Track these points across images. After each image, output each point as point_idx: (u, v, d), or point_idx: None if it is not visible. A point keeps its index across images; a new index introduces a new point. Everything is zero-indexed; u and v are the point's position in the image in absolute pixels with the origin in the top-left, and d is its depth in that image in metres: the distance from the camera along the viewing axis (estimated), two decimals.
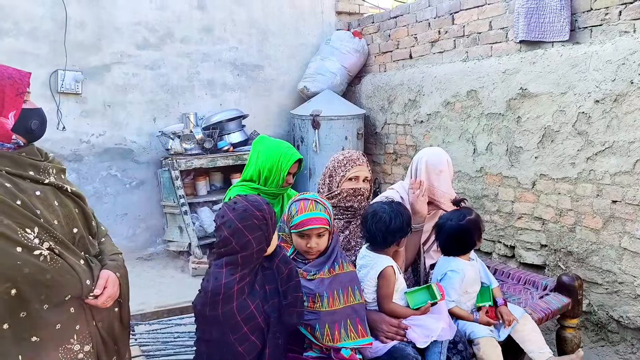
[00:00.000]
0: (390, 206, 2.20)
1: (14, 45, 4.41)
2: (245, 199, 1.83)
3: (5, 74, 1.70)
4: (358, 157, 2.52)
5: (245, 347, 1.74)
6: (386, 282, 2.16)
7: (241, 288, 1.75)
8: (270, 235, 1.81)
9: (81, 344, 1.73)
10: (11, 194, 1.63)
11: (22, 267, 1.56)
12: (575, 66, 3.43)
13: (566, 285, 2.87)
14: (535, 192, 3.80)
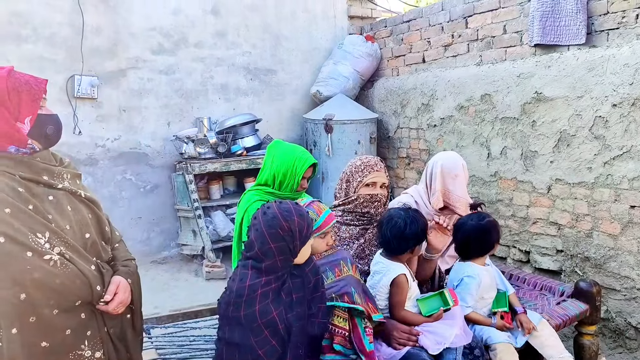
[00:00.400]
0: (407, 212, 2.19)
1: (33, 51, 4.48)
2: (279, 207, 1.82)
3: (22, 80, 1.72)
4: (376, 162, 2.49)
5: (266, 350, 1.73)
6: (398, 290, 2.16)
7: (265, 292, 1.75)
8: (296, 246, 1.79)
9: (92, 350, 1.74)
10: (23, 198, 1.64)
11: (31, 271, 1.57)
12: (592, 70, 3.40)
13: (584, 292, 2.84)
14: (551, 197, 3.76)
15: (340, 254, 2.11)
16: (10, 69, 1.72)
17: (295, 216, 1.78)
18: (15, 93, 1.68)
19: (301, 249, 1.81)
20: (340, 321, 1.94)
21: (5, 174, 1.65)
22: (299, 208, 1.83)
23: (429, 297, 2.20)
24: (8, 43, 4.44)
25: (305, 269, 1.85)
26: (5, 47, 4.42)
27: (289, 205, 1.82)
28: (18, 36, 4.46)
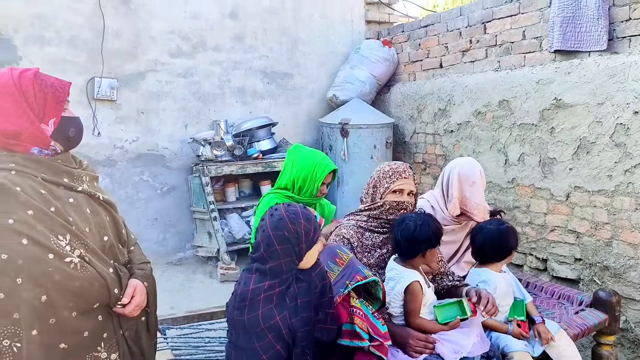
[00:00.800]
0: (419, 215, 2.17)
1: (55, 54, 4.56)
2: (287, 209, 1.81)
3: (48, 83, 1.74)
4: (405, 169, 2.42)
5: (270, 355, 1.72)
6: (413, 297, 2.13)
7: (268, 297, 1.74)
8: (302, 249, 1.77)
9: (108, 352, 1.75)
10: (46, 200, 1.66)
11: (53, 273, 1.58)
12: (613, 76, 3.36)
13: (603, 301, 2.79)
14: (570, 205, 3.72)
15: (334, 246, 2.13)
16: (36, 70, 1.75)
17: (302, 219, 1.77)
18: (41, 95, 1.71)
19: (307, 252, 1.79)
20: (356, 302, 1.93)
21: (29, 175, 1.67)
22: (306, 211, 1.82)
23: (447, 304, 2.17)
24: (31, 45, 4.52)
25: (311, 274, 1.82)
26: (29, 49, 4.50)
27: (297, 208, 1.82)
28: (41, 38, 4.54)
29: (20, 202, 1.60)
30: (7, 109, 1.66)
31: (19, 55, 4.49)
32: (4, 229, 1.55)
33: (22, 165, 1.67)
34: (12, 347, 1.55)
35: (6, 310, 1.54)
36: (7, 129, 1.66)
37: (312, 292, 1.80)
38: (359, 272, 1.96)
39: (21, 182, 1.64)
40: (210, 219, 4.81)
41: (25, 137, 1.68)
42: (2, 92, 1.67)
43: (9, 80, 1.68)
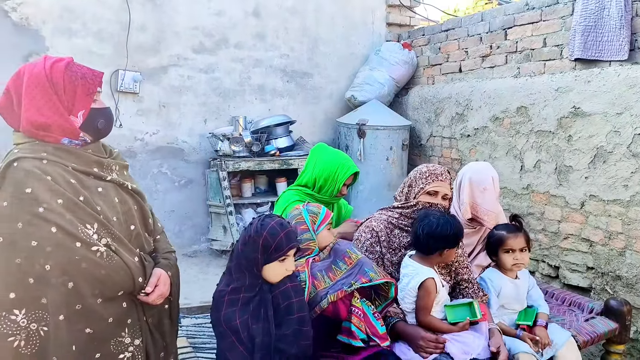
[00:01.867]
0: (443, 214, 2.21)
1: (82, 46, 4.66)
2: (263, 219, 1.91)
3: (79, 74, 1.79)
4: (442, 172, 2.43)
5: (233, 355, 1.81)
6: (426, 293, 2.16)
7: (232, 300, 1.84)
8: (257, 259, 1.85)
9: (132, 337, 1.81)
10: (75, 190, 1.72)
11: (79, 262, 1.64)
12: (634, 87, 3.36)
13: (614, 310, 2.81)
14: (584, 213, 3.72)
15: (343, 244, 2.19)
16: (69, 60, 1.81)
17: (266, 233, 1.85)
18: (71, 87, 1.76)
19: (264, 265, 1.86)
20: (357, 302, 2.01)
21: (60, 165, 1.73)
22: (276, 229, 1.87)
23: (458, 305, 2.21)
24: (58, 36, 4.63)
25: (275, 290, 1.89)
26: (56, 40, 4.61)
27: (271, 222, 1.89)
28: (69, 30, 4.65)
29: (50, 191, 1.66)
30: (38, 100, 1.72)
31: (47, 45, 4.60)
32: (34, 216, 1.62)
33: (53, 154, 1.73)
34: (40, 331, 1.63)
35: (35, 295, 1.61)
36: (37, 121, 1.72)
37: (276, 306, 1.88)
38: (365, 274, 2.01)
39: (52, 171, 1.70)
40: (226, 213, 4.88)
41: (54, 129, 1.74)
42: (34, 84, 1.72)
43: (41, 72, 1.74)
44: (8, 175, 1.67)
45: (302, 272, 2.03)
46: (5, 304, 1.59)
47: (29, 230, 1.61)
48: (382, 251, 2.35)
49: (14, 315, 1.59)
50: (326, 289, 2.00)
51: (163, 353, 1.97)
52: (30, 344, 1.61)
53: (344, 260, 2.09)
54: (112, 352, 1.77)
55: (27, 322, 1.61)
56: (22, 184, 1.65)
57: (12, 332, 1.59)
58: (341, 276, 2.03)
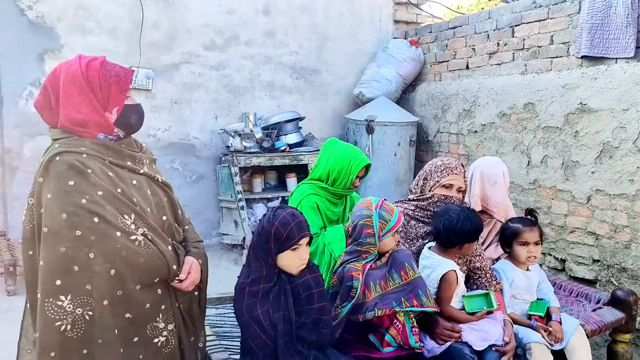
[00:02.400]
0: (463, 209, 2.28)
1: (96, 43, 4.75)
2: (275, 211, 1.98)
3: (113, 72, 1.87)
4: (457, 166, 2.51)
5: (257, 343, 1.89)
6: (447, 285, 2.24)
7: (253, 291, 1.92)
8: (270, 249, 1.92)
9: (165, 322, 1.89)
10: (113, 182, 1.81)
11: (120, 250, 1.73)
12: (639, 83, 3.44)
13: (621, 300, 2.89)
14: (590, 207, 3.81)
15: (403, 254, 2.17)
16: (103, 59, 1.89)
17: (277, 222, 1.92)
18: (106, 85, 1.84)
19: (277, 254, 1.93)
20: (401, 315, 2.05)
21: (98, 159, 1.81)
22: (288, 219, 1.93)
23: (475, 295, 2.29)
24: (73, 34, 4.72)
25: (296, 281, 1.97)
26: (71, 37, 4.70)
27: (283, 213, 1.96)
28: (83, 28, 4.74)
29: (91, 184, 1.75)
30: (75, 98, 1.80)
31: (61, 43, 4.69)
32: (78, 207, 1.70)
33: (91, 149, 1.82)
34: (85, 316, 1.71)
35: (79, 282, 1.70)
36: (75, 118, 1.80)
37: (296, 296, 1.95)
38: (418, 296, 2.05)
39: (92, 164, 1.78)
40: (238, 208, 4.97)
41: (91, 125, 1.82)
42: (71, 82, 1.81)
43: (77, 70, 1.82)
44: (51, 168, 1.75)
45: (356, 280, 2.05)
46: (51, 290, 1.68)
47: (74, 220, 1.69)
48: (400, 241, 2.43)
49: (60, 301, 1.68)
50: (374, 299, 2.04)
51: (193, 337, 2.06)
52: (76, 328, 1.70)
53: (400, 273, 2.11)
54: (148, 337, 1.85)
55: (72, 307, 1.69)
56: (65, 177, 1.73)
57: (59, 317, 1.68)
58: (393, 289, 2.07)
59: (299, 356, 1.95)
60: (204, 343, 2.16)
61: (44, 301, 1.68)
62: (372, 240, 2.12)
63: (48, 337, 1.69)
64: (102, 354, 1.74)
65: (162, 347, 1.90)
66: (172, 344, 1.94)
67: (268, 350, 1.91)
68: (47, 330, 1.69)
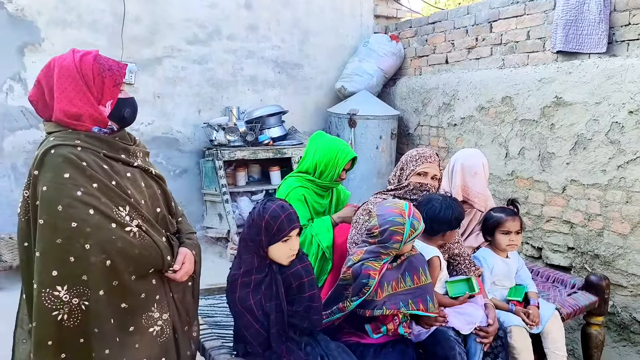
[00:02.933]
0: (445, 198, 2.38)
1: (76, 36, 4.71)
2: (265, 203, 2.03)
3: (106, 66, 1.90)
4: (431, 154, 2.61)
5: (251, 332, 1.96)
6: (431, 270, 2.32)
7: (245, 282, 1.98)
8: (262, 241, 1.98)
9: (160, 312, 1.94)
10: (108, 175, 1.84)
11: (116, 241, 1.77)
12: (611, 78, 3.59)
13: (594, 284, 3.04)
14: (565, 197, 3.96)
15: (419, 261, 2.23)
16: (96, 53, 1.92)
17: (267, 215, 1.98)
18: (99, 78, 1.87)
19: (269, 246, 1.99)
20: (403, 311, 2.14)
21: (92, 151, 1.84)
22: (278, 212, 1.98)
23: (457, 280, 2.40)
24: (53, 28, 4.66)
25: (287, 271, 2.04)
26: (51, 31, 4.65)
27: (273, 205, 2.01)
28: (64, 21, 4.69)
29: (86, 176, 1.78)
30: (69, 91, 1.83)
31: (42, 37, 4.64)
32: (73, 199, 1.74)
33: (86, 142, 1.85)
34: (81, 305, 1.75)
35: (75, 272, 1.73)
36: (70, 111, 1.83)
37: (288, 286, 2.03)
38: (426, 302, 2.15)
39: (86, 157, 1.81)
40: (222, 202, 5.01)
41: (86, 118, 1.85)
42: (65, 76, 1.83)
43: (70, 64, 1.84)
44: (46, 161, 1.78)
45: (372, 279, 2.11)
46: (48, 281, 1.72)
47: (69, 212, 1.72)
48: None
49: (57, 291, 1.72)
50: (384, 298, 2.11)
51: (187, 327, 2.11)
52: (72, 317, 1.74)
53: (413, 277, 2.17)
54: (143, 326, 1.90)
55: (69, 297, 1.73)
56: (61, 169, 1.76)
57: (55, 306, 1.72)
58: (402, 290, 2.15)
59: (291, 342, 2.03)
60: (198, 332, 2.22)
61: (40, 291, 1.72)
62: (397, 247, 2.16)
63: (45, 326, 1.72)
64: (98, 343, 1.78)
65: (157, 337, 1.95)
66: (167, 333, 1.98)
67: (261, 339, 1.98)
68: (43, 320, 1.72)
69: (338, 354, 1.99)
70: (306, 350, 2.00)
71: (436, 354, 2.15)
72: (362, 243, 2.26)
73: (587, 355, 3.09)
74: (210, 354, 2.19)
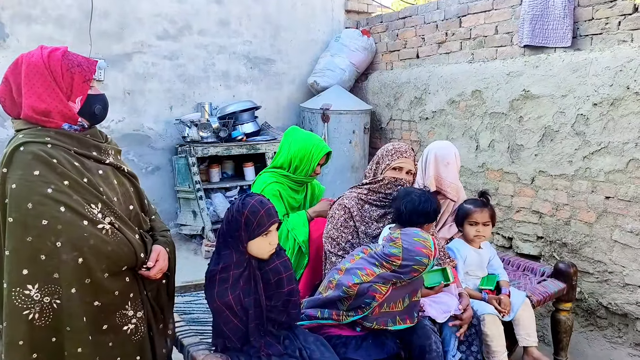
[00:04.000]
0: (423, 191, 2.43)
1: (42, 32, 4.59)
2: (244, 198, 2.04)
3: (75, 62, 1.88)
4: (406, 149, 2.62)
5: (229, 328, 1.97)
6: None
7: (224, 278, 1.98)
8: (241, 236, 1.99)
9: (134, 310, 1.94)
10: (79, 172, 1.82)
11: (88, 238, 1.76)
12: (576, 71, 3.70)
13: (562, 272, 3.14)
14: (534, 188, 4.07)
15: (418, 283, 2.23)
16: (64, 50, 1.89)
17: (247, 210, 1.98)
18: (68, 74, 1.85)
19: (249, 241, 1.99)
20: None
21: (63, 148, 1.82)
22: (257, 207, 1.98)
23: (433, 271, 2.44)
24: (17, 23, 4.54)
25: (266, 267, 2.05)
26: (16, 26, 4.53)
27: (252, 201, 2.02)
28: (28, 16, 4.57)
29: (57, 173, 1.76)
30: (38, 87, 1.81)
31: (6, 32, 4.52)
32: (44, 197, 1.72)
33: (56, 139, 1.82)
34: (53, 304, 1.74)
35: (46, 270, 1.72)
36: (39, 107, 1.80)
37: (266, 281, 2.04)
38: (412, 318, 2.20)
39: (57, 154, 1.79)
40: (196, 198, 4.97)
41: (55, 115, 1.83)
42: (34, 72, 1.81)
43: (39, 60, 1.82)
44: (15, 159, 1.75)
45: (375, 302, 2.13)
46: (18, 280, 1.69)
47: (40, 210, 1.70)
48: (356, 225, 2.53)
49: (28, 290, 1.70)
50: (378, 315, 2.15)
51: (162, 325, 2.11)
52: (44, 316, 1.72)
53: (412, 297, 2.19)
54: (117, 324, 1.89)
55: (40, 295, 1.71)
56: (30, 166, 1.73)
57: (26, 305, 1.70)
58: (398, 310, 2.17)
59: (269, 336, 2.04)
60: (173, 330, 2.21)
61: (10, 290, 1.69)
62: (413, 278, 2.16)
63: (16, 326, 1.70)
64: (70, 342, 1.76)
65: (131, 335, 1.94)
66: (142, 331, 1.98)
67: (240, 334, 1.99)
68: (14, 319, 1.70)
69: (316, 347, 2.01)
70: (284, 343, 2.02)
71: (413, 343, 2.19)
72: (373, 260, 2.17)
73: (556, 340, 3.20)
74: (188, 351, 2.18)
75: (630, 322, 3.50)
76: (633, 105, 3.37)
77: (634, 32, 3.49)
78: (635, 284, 3.43)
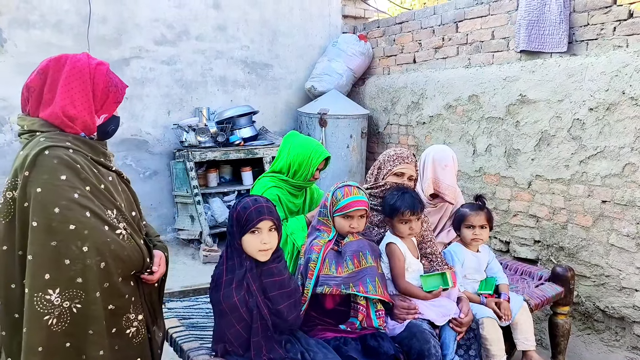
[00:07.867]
0: (407, 189, 2.48)
1: (40, 37, 4.60)
2: (245, 199, 2.08)
3: (114, 82, 1.92)
4: (408, 155, 2.65)
5: (232, 332, 1.98)
6: (393, 258, 2.41)
7: (228, 280, 2.00)
8: (235, 232, 2.03)
9: (136, 313, 1.94)
10: (97, 178, 1.84)
11: (110, 243, 1.77)
12: (572, 76, 3.73)
13: (560, 276, 3.15)
14: (531, 192, 4.09)
15: (360, 244, 2.28)
16: (108, 66, 1.92)
17: (239, 207, 2.05)
18: (106, 91, 1.89)
19: (241, 238, 2.03)
20: (362, 300, 2.21)
21: (82, 154, 1.83)
22: (249, 203, 2.04)
23: (432, 275, 2.45)
24: (16, 28, 4.55)
25: (269, 265, 2.07)
26: (14, 31, 4.54)
27: (247, 199, 2.08)
28: (26, 22, 4.58)
29: (81, 179, 1.77)
30: (75, 92, 1.81)
31: (4, 37, 4.52)
32: (71, 202, 1.72)
33: (75, 144, 1.83)
34: (72, 308, 1.73)
35: (69, 275, 1.71)
36: (69, 112, 1.81)
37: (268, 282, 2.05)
38: (365, 284, 2.19)
39: (79, 160, 1.80)
40: (194, 203, 4.97)
41: (79, 123, 1.84)
42: (76, 77, 1.81)
43: (85, 67, 1.83)
44: (39, 162, 1.74)
45: (315, 253, 2.25)
46: (40, 284, 1.69)
47: (66, 214, 1.70)
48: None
49: (49, 295, 1.69)
50: (328, 276, 2.20)
51: (155, 327, 2.13)
52: (61, 321, 1.72)
53: (354, 261, 2.22)
54: (122, 327, 1.90)
55: (60, 300, 1.70)
56: (57, 171, 1.73)
57: (47, 310, 1.69)
58: (345, 275, 2.20)
59: (271, 341, 2.05)
60: (163, 331, 2.23)
61: (32, 295, 1.69)
62: (325, 212, 2.34)
63: (36, 331, 1.70)
64: (93, 346, 1.77)
65: (132, 338, 1.95)
66: (142, 333, 1.98)
67: (242, 339, 1.99)
68: (34, 325, 1.70)
69: (318, 349, 2.02)
70: (286, 347, 2.02)
71: (412, 347, 2.20)
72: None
73: (554, 344, 3.21)
74: (189, 356, 2.18)
75: (627, 325, 3.52)
76: (628, 110, 3.41)
77: (629, 37, 3.53)
78: (631, 288, 3.46)
